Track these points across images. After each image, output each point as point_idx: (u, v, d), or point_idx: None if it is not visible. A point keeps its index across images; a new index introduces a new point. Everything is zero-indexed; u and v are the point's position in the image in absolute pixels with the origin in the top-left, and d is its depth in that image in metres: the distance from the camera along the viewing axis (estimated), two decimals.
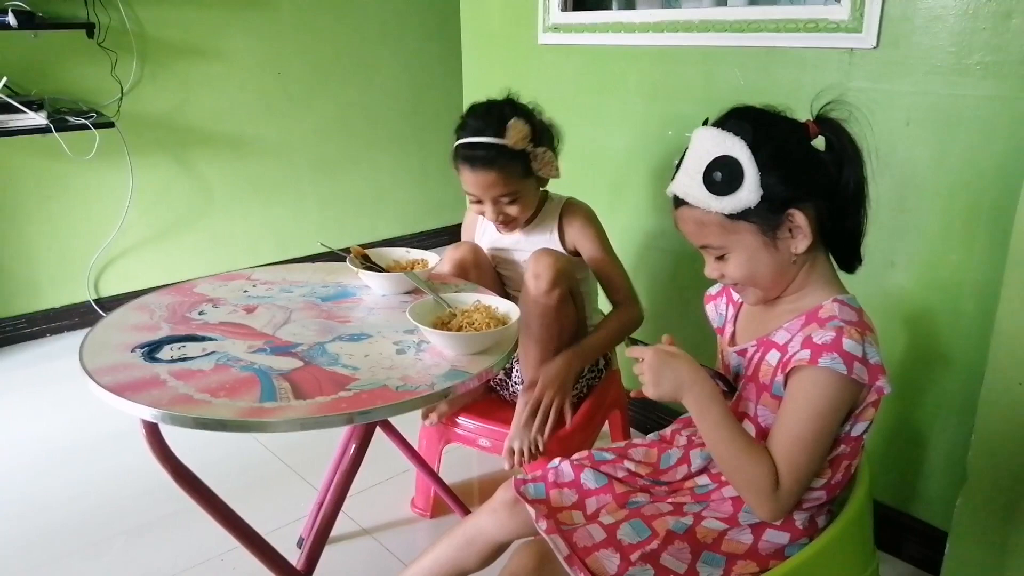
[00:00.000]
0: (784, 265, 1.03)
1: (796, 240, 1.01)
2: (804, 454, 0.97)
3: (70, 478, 1.98)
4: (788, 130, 1.02)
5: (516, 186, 1.52)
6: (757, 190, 0.97)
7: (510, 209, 1.54)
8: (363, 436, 1.17)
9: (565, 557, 1.02)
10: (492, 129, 1.49)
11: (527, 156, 1.51)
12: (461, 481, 1.93)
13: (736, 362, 1.12)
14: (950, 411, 1.51)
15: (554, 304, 1.46)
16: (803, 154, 1.01)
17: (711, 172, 0.99)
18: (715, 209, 1.00)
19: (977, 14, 1.33)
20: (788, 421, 0.98)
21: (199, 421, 0.99)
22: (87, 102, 2.75)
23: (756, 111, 1.04)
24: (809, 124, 1.02)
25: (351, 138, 3.55)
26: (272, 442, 2.12)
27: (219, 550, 1.67)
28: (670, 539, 1.05)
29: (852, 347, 0.94)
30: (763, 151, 0.97)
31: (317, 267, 1.62)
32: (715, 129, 1.01)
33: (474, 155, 1.49)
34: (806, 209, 0.99)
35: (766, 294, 1.07)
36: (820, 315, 1.01)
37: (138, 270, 3.04)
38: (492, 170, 1.48)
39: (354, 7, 3.40)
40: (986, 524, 1.32)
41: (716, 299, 1.23)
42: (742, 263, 1.03)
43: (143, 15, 2.83)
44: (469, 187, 1.53)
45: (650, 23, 1.84)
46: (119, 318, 1.32)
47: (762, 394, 1.05)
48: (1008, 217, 1.33)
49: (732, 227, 1.01)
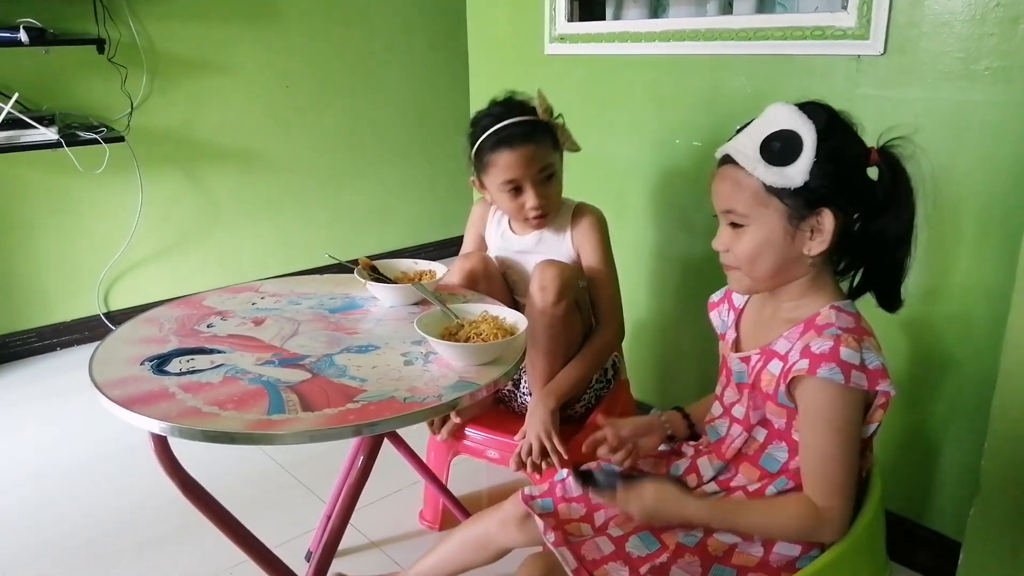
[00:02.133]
0: (789, 261, 1.02)
1: (813, 241, 1.00)
2: (837, 467, 0.98)
3: (79, 491, 1.99)
4: (854, 141, 1.02)
5: (552, 158, 1.54)
6: (805, 174, 0.97)
7: (549, 189, 1.54)
8: (371, 448, 1.16)
9: (573, 570, 1.01)
10: (515, 111, 1.52)
11: (553, 129, 1.54)
12: (470, 493, 1.92)
13: (739, 368, 1.12)
14: (962, 419, 1.49)
15: (560, 315, 1.46)
16: (858, 169, 1.01)
17: (772, 140, 0.99)
18: (759, 175, 0.99)
19: (985, 19, 1.33)
20: (811, 441, 0.99)
21: (208, 434, 0.99)
22: (97, 117, 2.77)
23: (834, 109, 1.03)
24: (873, 151, 1.01)
25: (359, 150, 3.56)
26: (280, 455, 2.11)
27: (228, 563, 1.67)
28: (680, 552, 1.04)
29: (849, 356, 0.94)
30: (827, 143, 0.97)
31: (325, 279, 1.62)
32: (792, 106, 1.01)
33: (511, 134, 1.50)
34: (837, 216, 0.99)
35: (755, 284, 1.07)
36: (817, 322, 1.00)
37: (147, 283, 3.06)
38: (531, 143, 1.50)
39: (361, 20, 3.43)
40: (1000, 534, 1.30)
41: (719, 305, 1.22)
42: (755, 241, 1.02)
43: (153, 30, 2.85)
44: (509, 171, 1.51)
45: (656, 32, 1.85)
46: (128, 331, 1.33)
47: (767, 403, 1.05)
48: (1019, 222, 1.32)
49: (765, 200, 1.00)
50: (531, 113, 1.53)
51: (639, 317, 2.09)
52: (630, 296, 2.09)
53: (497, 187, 1.54)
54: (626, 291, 1.68)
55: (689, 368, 2.02)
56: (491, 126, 1.51)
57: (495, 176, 1.53)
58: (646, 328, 2.08)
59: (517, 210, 1.56)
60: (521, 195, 1.53)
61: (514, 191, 1.53)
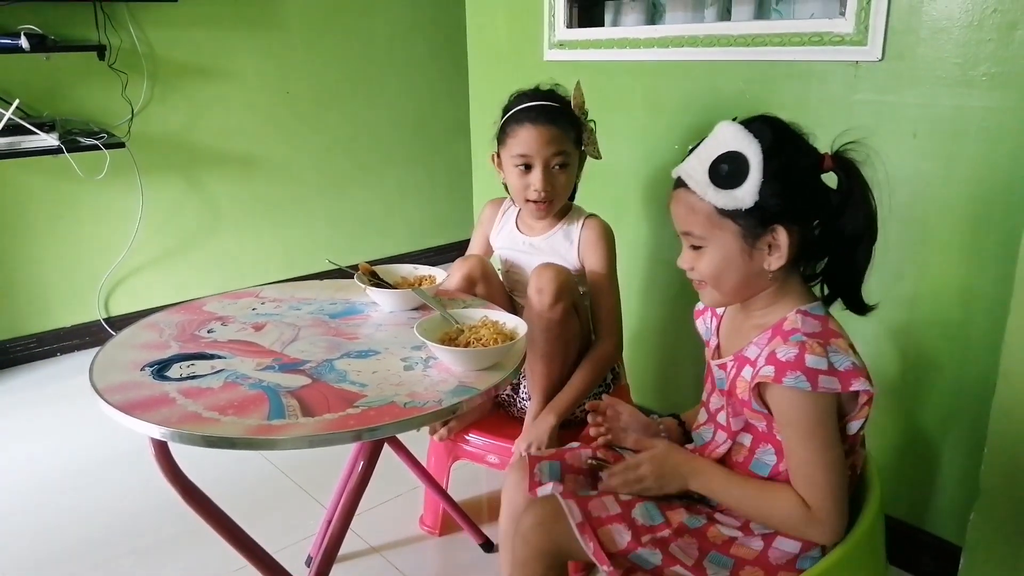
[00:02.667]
0: (752, 276, 1.04)
1: (771, 257, 1.01)
2: (817, 471, 0.98)
3: (80, 497, 1.99)
4: (804, 152, 1.03)
5: (570, 150, 1.55)
6: (754, 195, 0.98)
7: (558, 177, 1.55)
8: (371, 453, 1.16)
9: (577, 524, 1.03)
10: (552, 96, 1.56)
11: (580, 126, 1.56)
12: (470, 498, 1.92)
13: (719, 375, 1.13)
14: (962, 423, 1.50)
15: (558, 318, 1.46)
16: (809, 179, 1.02)
17: (719, 163, 1.00)
18: (710, 199, 1.01)
19: (982, 25, 1.33)
20: (790, 449, 1.01)
21: (208, 439, 0.99)
22: (98, 123, 2.78)
23: (782, 123, 1.04)
24: (826, 156, 1.02)
25: (359, 156, 3.57)
26: (281, 460, 2.12)
27: (228, 569, 1.67)
28: (681, 531, 1.06)
29: (815, 362, 0.95)
30: (774, 161, 0.98)
31: (325, 284, 1.62)
32: (738, 125, 1.02)
33: (538, 111, 1.53)
34: (791, 230, 1.00)
35: (724, 299, 1.09)
36: (784, 327, 1.02)
37: (148, 289, 3.06)
38: (554, 126, 1.52)
39: (362, 26, 3.44)
40: (1001, 538, 1.30)
41: (704, 313, 1.23)
42: (715, 261, 1.04)
43: (153, 37, 2.86)
44: (525, 145, 1.53)
45: (655, 38, 1.85)
46: (129, 337, 1.33)
47: (744, 409, 1.06)
48: (1017, 228, 1.32)
49: (718, 222, 1.02)
50: (565, 104, 1.56)
51: (638, 322, 2.09)
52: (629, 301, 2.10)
53: (509, 161, 1.57)
54: (625, 296, 1.69)
55: (688, 372, 2.02)
56: (524, 102, 1.55)
57: (511, 148, 1.55)
58: (645, 333, 2.09)
59: (522, 189, 1.57)
60: (529, 174, 1.55)
61: (524, 168, 1.55)
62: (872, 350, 1.56)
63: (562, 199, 1.60)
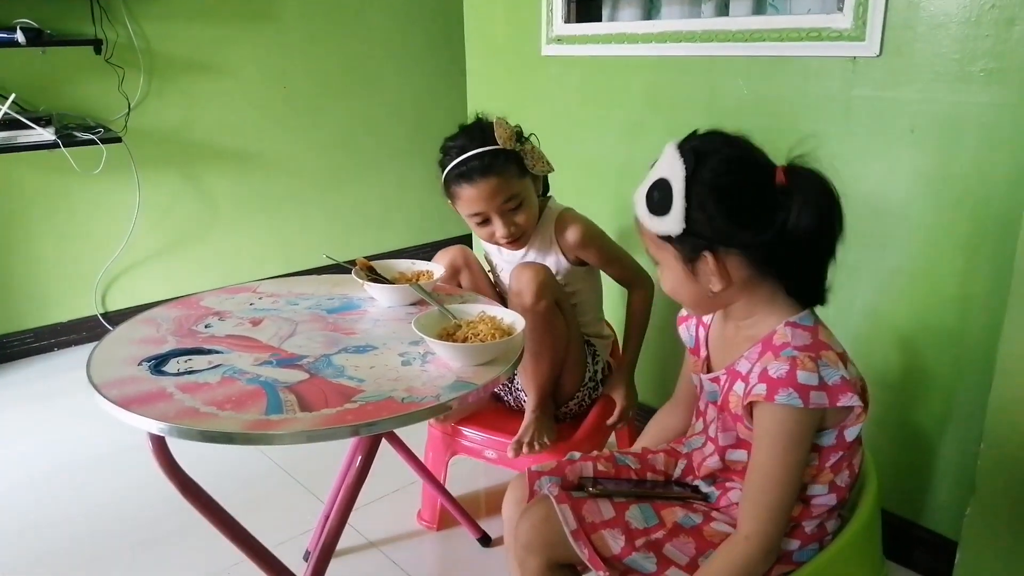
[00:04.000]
0: (703, 295, 1.04)
1: (714, 278, 1.00)
2: (775, 489, 0.98)
3: (77, 492, 1.99)
4: (746, 170, 0.99)
5: (517, 188, 1.51)
6: (680, 222, 0.97)
7: (518, 217, 1.53)
8: (369, 448, 1.16)
9: (572, 531, 1.02)
10: (477, 141, 1.49)
11: (519, 156, 1.51)
12: (468, 493, 1.92)
13: (711, 388, 1.12)
14: (958, 419, 1.50)
15: (542, 313, 1.47)
16: (750, 199, 0.97)
17: (652, 190, 1.01)
18: (646, 225, 1.03)
19: (980, 21, 1.33)
20: (757, 459, 0.99)
21: (206, 434, 0.99)
22: (94, 118, 2.77)
23: (720, 141, 1.01)
24: (779, 170, 0.98)
25: (356, 151, 3.57)
26: (278, 455, 2.12)
27: (226, 563, 1.67)
28: (676, 531, 1.06)
29: (806, 378, 0.94)
30: (699, 186, 0.96)
31: (323, 279, 1.62)
32: (674, 149, 1.00)
33: (470, 168, 1.47)
34: (728, 254, 0.98)
35: (694, 311, 1.12)
36: (774, 341, 1.00)
37: (145, 284, 3.06)
38: (492, 176, 1.47)
39: (359, 21, 3.43)
40: (996, 534, 1.31)
41: (688, 320, 1.22)
42: (669, 281, 1.07)
43: (150, 31, 2.85)
44: (473, 205, 1.50)
45: (653, 33, 1.85)
46: (126, 332, 1.33)
47: (738, 424, 1.05)
48: (1014, 224, 1.32)
49: (661, 245, 1.03)
50: (494, 142, 1.48)
51: None
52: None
53: (465, 218, 1.56)
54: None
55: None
56: (453, 158, 1.50)
57: (461, 208, 1.54)
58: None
59: (488, 237, 1.58)
60: (490, 225, 1.54)
61: (483, 222, 1.54)
62: (869, 347, 1.56)
63: (533, 222, 1.57)
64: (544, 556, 1.07)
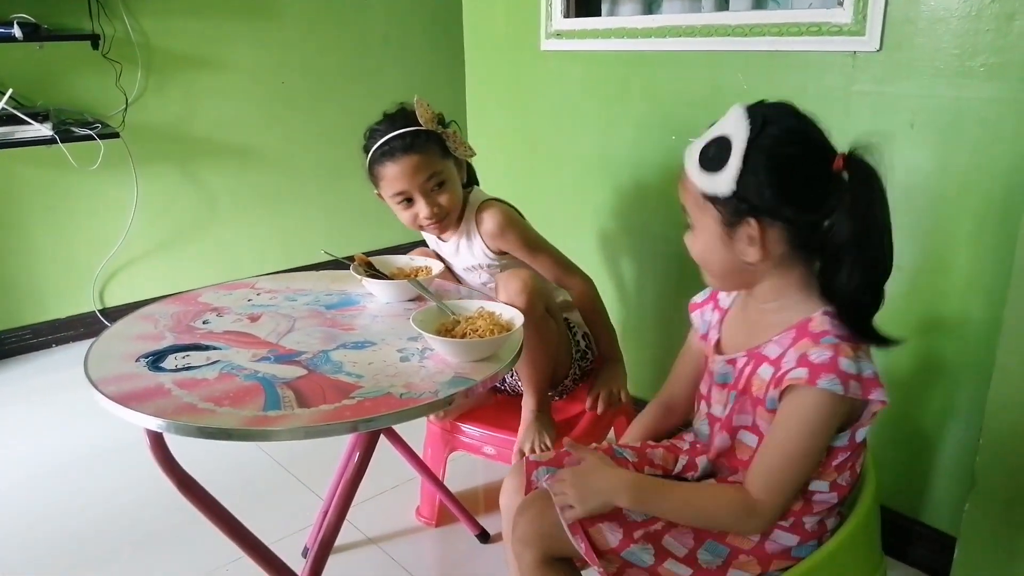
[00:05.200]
0: (735, 265, 1.02)
1: (751, 248, 0.98)
2: (791, 470, 0.97)
3: (75, 489, 1.98)
4: (808, 147, 0.98)
5: (439, 167, 1.53)
6: (732, 183, 0.95)
7: (441, 198, 1.54)
8: (367, 444, 1.16)
9: (569, 525, 1.02)
10: (400, 123, 1.52)
11: (440, 137, 1.53)
12: (466, 489, 1.92)
13: (723, 370, 1.11)
14: (958, 415, 1.50)
15: (535, 322, 1.45)
16: (805, 174, 0.96)
17: (710, 145, 0.98)
18: (695, 180, 1.00)
19: (980, 16, 1.33)
20: (779, 436, 0.98)
21: (203, 430, 0.99)
22: (92, 113, 2.76)
23: (792, 115, 1.00)
24: (840, 157, 0.96)
25: (355, 146, 3.49)
26: (276, 451, 2.11)
27: (224, 560, 1.67)
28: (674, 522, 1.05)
29: (848, 365, 0.93)
30: (760, 151, 0.94)
31: (321, 275, 1.62)
32: (742, 108, 0.98)
33: (392, 147, 1.50)
34: (770, 225, 0.97)
35: (716, 283, 1.08)
36: (811, 329, 0.98)
37: (143, 280, 3.05)
38: (414, 153, 1.50)
39: (357, 16, 3.42)
40: (995, 529, 1.31)
41: (703, 307, 1.21)
42: (700, 243, 1.03)
43: (147, 26, 2.84)
44: (395, 184, 1.52)
45: (652, 28, 1.84)
46: (124, 328, 1.32)
47: (757, 408, 1.03)
48: (1014, 218, 1.32)
49: (703, 205, 1.00)
50: (416, 123, 1.52)
51: (635, 313, 2.09)
52: (628, 291, 2.10)
53: (391, 199, 1.56)
54: (624, 286, 1.69)
55: None
56: (376, 140, 1.53)
57: (386, 189, 1.55)
58: (642, 324, 2.09)
59: (412, 220, 1.57)
60: (413, 206, 1.54)
61: (406, 202, 1.54)
62: None
63: (455, 211, 1.59)
64: (540, 550, 1.07)
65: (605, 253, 2.12)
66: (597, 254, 2.13)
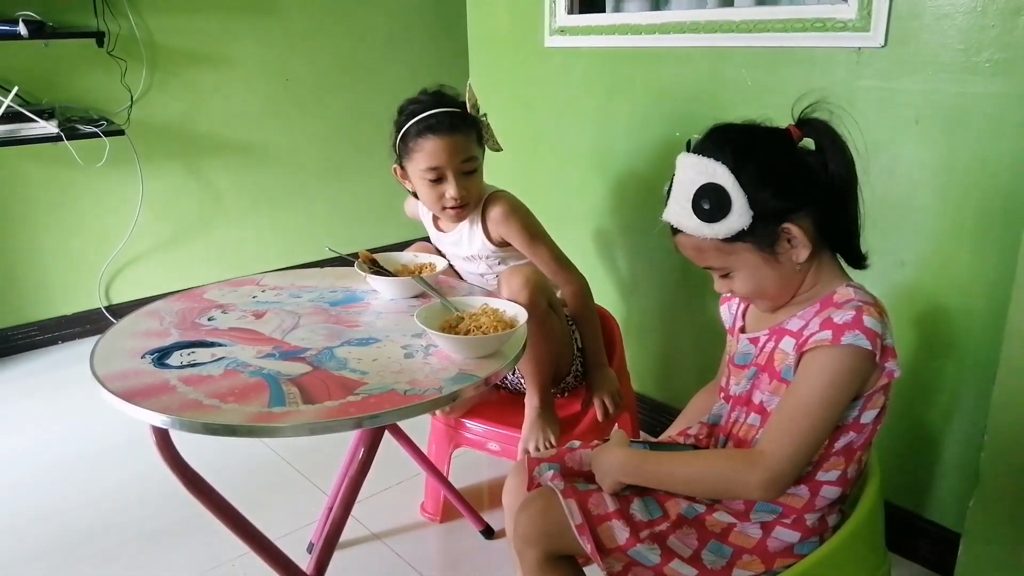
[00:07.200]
0: (789, 275, 1.03)
1: (796, 250, 1.01)
2: (805, 423, 0.96)
3: (81, 485, 1.99)
4: (771, 142, 1.01)
5: (475, 152, 1.54)
6: (747, 212, 0.97)
7: (470, 182, 1.54)
8: (372, 440, 1.17)
9: (577, 526, 1.03)
10: (446, 101, 1.53)
11: (479, 125, 1.55)
12: (471, 485, 1.92)
13: (746, 349, 1.12)
14: (962, 411, 1.50)
15: (539, 318, 1.45)
16: (790, 164, 1.00)
17: (699, 200, 0.99)
18: (709, 236, 1.00)
19: (985, 11, 1.32)
20: (800, 389, 0.98)
21: (209, 427, 0.99)
22: (97, 110, 2.77)
23: (735, 130, 1.03)
24: (791, 128, 1.01)
25: (359, 143, 3.56)
26: (282, 447, 2.12)
27: (230, 555, 1.68)
28: (679, 523, 1.06)
29: (873, 324, 0.95)
30: (746, 172, 0.97)
31: (326, 272, 1.62)
32: (696, 156, 1.00)
33: (439, 121, 1.49)
34: (801, 219, 0.99)
35: (776, 302, 1.08)
36: (836, 299, 1.01)
37: (148, 277, 3.06)
38: (458, 133, 1.50)
39: (361, 13, 3.42)
40: (1000, 525, 1.31)
41: (730, 300, 1.22)
42: (747, 279, 1.04)
43: (152, 23, 2.85)
44: (434, 158, 1.50)
45: (656, 24, 1.84)
46: (129, 325, 1.33)
47: (772, 381, 1.04)
48: (1020, 214, 1.32)
49: (729, 249, 1.02)
50: (460, 106, 1.54)
51: (638, 311, 2.09)
52: (631, 289, 2.10)
53: (419, 174, 1.54)
54: (627, 283, 1.69)
55: (689, 361, 2.02)
56: (419, 112, 1.51)
57: (419, 162, 1.52)
58: (646, 322, 2.09)
59: (436, 199, 1.56)
60: (442, 184, 1.53)
61: (436, 180, 1.53)
62: None
63: (478, 200, 1.59)
64: (542, 548, 1.08)
65: (607, 249, 2.12)
66: (599, 250, 2.12)
